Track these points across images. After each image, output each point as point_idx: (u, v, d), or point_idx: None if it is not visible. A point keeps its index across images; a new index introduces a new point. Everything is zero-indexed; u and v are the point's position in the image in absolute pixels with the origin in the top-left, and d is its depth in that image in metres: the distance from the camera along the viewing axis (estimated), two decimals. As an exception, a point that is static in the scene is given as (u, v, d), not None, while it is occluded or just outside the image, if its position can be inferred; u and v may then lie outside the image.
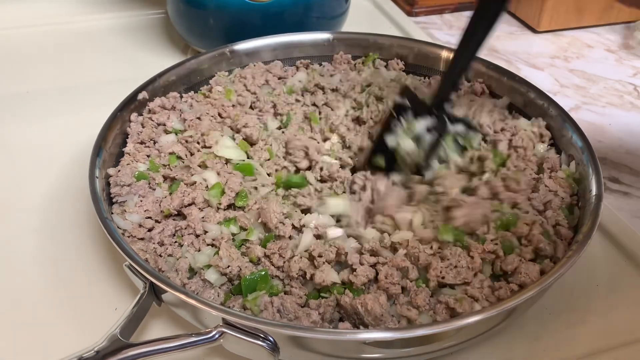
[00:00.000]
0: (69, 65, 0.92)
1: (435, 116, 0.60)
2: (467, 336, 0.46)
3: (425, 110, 0.60)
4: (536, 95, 0.66)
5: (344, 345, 0.43)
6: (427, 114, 0.60)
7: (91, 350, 0.42)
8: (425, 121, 0.60)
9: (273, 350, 0.42)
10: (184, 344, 0.43)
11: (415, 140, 0.59)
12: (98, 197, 0.52)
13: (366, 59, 0.77)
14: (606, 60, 1.00)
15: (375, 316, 0.45)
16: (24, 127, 0.77)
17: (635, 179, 0.73)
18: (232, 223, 0.53)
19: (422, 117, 0.60)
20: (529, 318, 0.53)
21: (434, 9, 1.13)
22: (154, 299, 0.48)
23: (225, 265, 0.49)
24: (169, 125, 0.64)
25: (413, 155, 0.59)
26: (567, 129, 0.61)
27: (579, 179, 0.57)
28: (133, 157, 0.60)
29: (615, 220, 0.63)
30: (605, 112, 0.86)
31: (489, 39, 0.56)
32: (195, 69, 0.72)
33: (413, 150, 0.59)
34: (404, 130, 0.60)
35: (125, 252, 0.47)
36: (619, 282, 0.58)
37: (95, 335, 0.43)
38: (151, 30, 1.02)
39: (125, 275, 0.50)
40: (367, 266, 0.49)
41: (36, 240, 0.61)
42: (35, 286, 0.56)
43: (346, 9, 0.92)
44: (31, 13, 1.03)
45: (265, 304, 0.46)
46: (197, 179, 0.57)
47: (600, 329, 0.53)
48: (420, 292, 0.47)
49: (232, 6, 0.80)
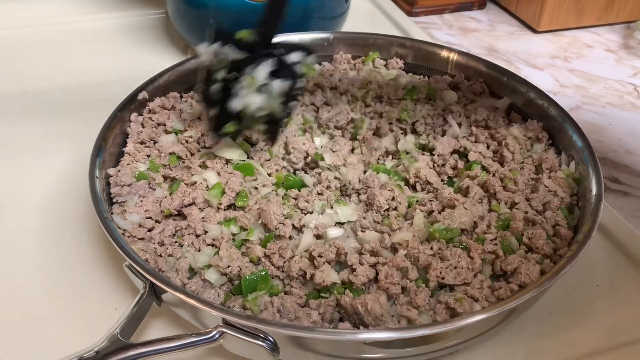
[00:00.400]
0: (69, 65, 0.91)
1: (270, 56, 0.54)
2: (467, 336, 0.46)
3: (257, 54, 0.54)
4: (536, 95, 0.66)
5: (344, 345, 0.43)
6: (261, 57, 0.54)
7: (91, 351, 0.42)
8: (264, 67, 0.53)
9: (273, 350, 0.42)
10: (184, 344, 0.43)
11: (260, 90, 0.54)
12: (98, 197, 0.52)
13: (366, 58, 0.77)
14: (606, 60, 1.00)
15: (375, 316, 0.45)
16: (24, 127, 0.77)
17: (635, 179, 0.73)
18: (232, 223, 0.53)
19: (258, 64, 0.53)
20: (529, 318, 0.53)
21: (434, 9, 1.13)
22: (154, 299, 0.48)
23: (226, 265, 0.49)
24: (169, 125, 0.64)
25: (266, 107, 0.55)
26: (567, 129, 0.61)
27: (579, 179, 0.57)
28: (133, 157, 0.60)
29: (615, 220, 0.63)
30: (605, 112, 0.86)
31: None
32: (195, 69, 0.72)
33: (265, 103, 0.55)
34: (247, 86, 0.54)
35: (125, 252, 0.47)
36: (619, 282, 0.58)
37: (95, 335, 0.43)
38: (151, 30, 1.02)
39: (125, 275, 0.50)
40: (367, 266, 0.49)
41: (36, 241, 0.61)
42: (35, 286, 0.56)
43: (346, 9, 0.92)
44: (31, 13, 1.03)
45: (266, 304, 0.46)
46: (198, 179, 0.57)
47: (600, 329, 0.53)
48: (420, 292, 0.47)
49: (232, 6, 0.80)
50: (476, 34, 1.07)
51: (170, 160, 0.60)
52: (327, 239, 0.52)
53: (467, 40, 1.04)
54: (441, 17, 1.13)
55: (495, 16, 1.14)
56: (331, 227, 0.54)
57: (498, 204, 0.56)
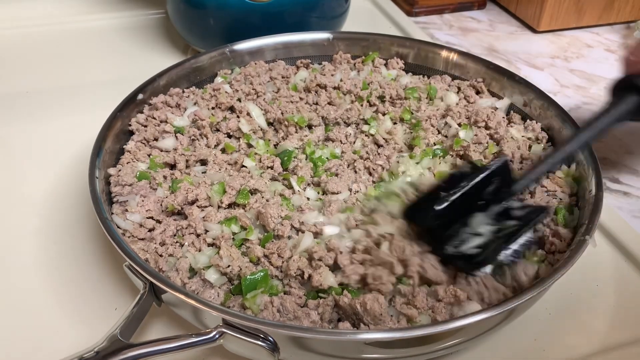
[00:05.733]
0: (69, 65, 0.92)
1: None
2: (467, 336, 0.46)
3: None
4: (536, 95, 0.66)
5: (344, 345, 0.43)
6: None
7: (91, 351, 0.42)
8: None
9: (273, 350, 0.42)
10: (184, 344, 0.43)
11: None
12: (98, 197, 0.52)
13: (366, 58, 0.77)
14: (606, 60, 1.00)
15: (375, 315, 0.45)
16: (24, 127, 0.77)
17: (635, 179, 0.73)
18: (233, 222, 0.53)
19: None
20: (529, 318, 0.53)
21: (434, 9, 1.13)
22: (154, 299, 0.48)
23: (226, 265, 0.49)
24: (172, 122, 0.65)
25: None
26: (567, 129, 0.61)
27: (579, 179, 0.57)
28: (134, 156, 0.60)
29: (615, 220, 0.63)
30: (605, 112, 0.86)
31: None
32: (195, 69, 0.72)
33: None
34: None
35: (125, 252, 0.47)
36: (619, 282, 0.58)
37: (95, 335, 0.43)
38: (151, 30, 1.02)
39: (125, 275, 0.50)
40: (356, 264, 0.49)
41: (36, 241, 0.61)
42: (35, 286, 0.56)
43: (346, 9, 0.92)
44: (31, 13, 1.03)
45: (265, 303, 0.46)
46: (200, 177, 0.57)
47: (600, 329, 0.53)
48: (418, 294, 0.47)
49: (232, 6, 0.80)
50: (476, 34, 1.07)
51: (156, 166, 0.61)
52: (323, 237, 0.52)
53: (467, 40, 1.04)
54: (441, 17, 1.13)
55: (495, 16, 1.14)
56: (328, 226, 0.53)
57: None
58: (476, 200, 0.49)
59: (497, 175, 0.50)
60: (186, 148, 0.62)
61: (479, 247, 0.47)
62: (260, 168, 0.60)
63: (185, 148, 0.62)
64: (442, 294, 0.46)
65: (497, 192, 0.49)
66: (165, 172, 0.59)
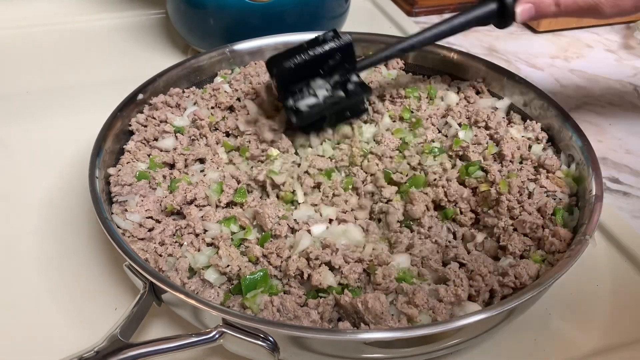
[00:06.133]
0: (69, 65, 0.92)
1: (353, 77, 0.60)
2: (467, 336, 0.46)
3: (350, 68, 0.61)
4: (536, 95, 0.66)
5: (344, 345, 0.43)
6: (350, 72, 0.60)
7: (91, 351, 0.42)
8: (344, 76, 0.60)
9: (273, 350, 0.42)
10: (184, 344, 0.43)
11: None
12: (98, 197, 0.52)
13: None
14: (606, 60, 0.99)
15: (376, 314, 0.45)
16: (24, 127, 0.77)
17: (635, 179, 0.73)
18: (232, 222, 0.53)
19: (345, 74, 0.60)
20: (529, 318, 0.53)
21: (434, 9, 1.13)
22: (154, 299, 0.48)
23: (225, 264, 0.49)
24: (171, 122, 0.64)
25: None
26: (567, 129, 0.61)
27: (579, 179, 0.57)
28: (133, 155, 0.60)
29: (615, 220, 0.63)
30: (605, 112, 0.86)
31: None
32: (195, 69, 0.72)
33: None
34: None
35: (125, 252, 0.47)
36: (619, 282, 0.58)
37: (95, 335, 0.44)
38: (151, 30, 1.03)
39: (125, 275, 0.50)
40: (353, 263, 0.49)
41: (36, 240, 0.61)
42: (35, 286, 0.56)
43: (346, 9, 0.92)
44: (31, 13, 1.03)
45: (265, 303, 0.46)
46: (198, 176, 0.57)
47: (600, 329, 0.53)
48: (418, 292, 0.47)
49: (232, 6, 0.80)
50: (476, 34, 1.07)
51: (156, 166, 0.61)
52: (313, 236, 0.53)
53: (467, 40, 1.04)
54: (441, 17, 1.13)
55: (495, 16, 1.14)
56: (315, 224, 0.54)
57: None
58: (321, 66, 0.60)
59: (343, 51, 0.60)
60: (186, 148, 0.63)
61: (309, 107, 0.59)
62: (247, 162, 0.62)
63: (185, 148, 0.62)
64: (443, 293, 0.46)
65: (338, 65, 0.60)
66: (164, 172, 0.59)
